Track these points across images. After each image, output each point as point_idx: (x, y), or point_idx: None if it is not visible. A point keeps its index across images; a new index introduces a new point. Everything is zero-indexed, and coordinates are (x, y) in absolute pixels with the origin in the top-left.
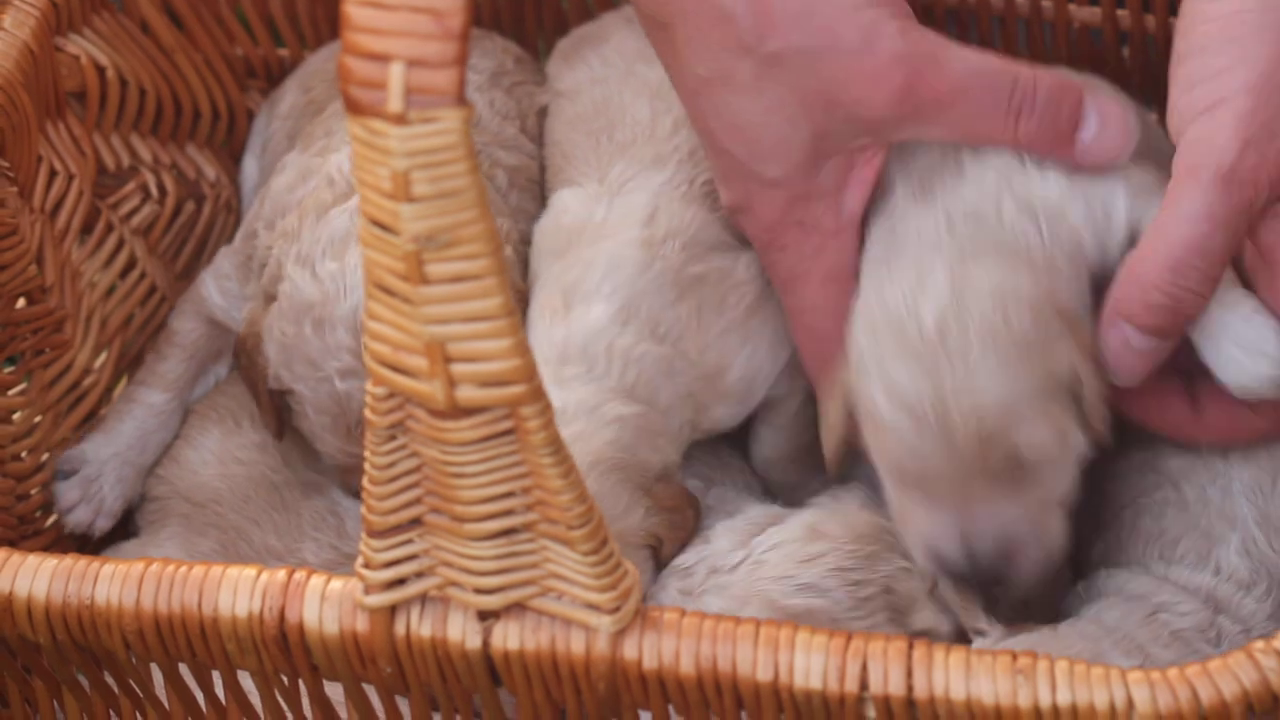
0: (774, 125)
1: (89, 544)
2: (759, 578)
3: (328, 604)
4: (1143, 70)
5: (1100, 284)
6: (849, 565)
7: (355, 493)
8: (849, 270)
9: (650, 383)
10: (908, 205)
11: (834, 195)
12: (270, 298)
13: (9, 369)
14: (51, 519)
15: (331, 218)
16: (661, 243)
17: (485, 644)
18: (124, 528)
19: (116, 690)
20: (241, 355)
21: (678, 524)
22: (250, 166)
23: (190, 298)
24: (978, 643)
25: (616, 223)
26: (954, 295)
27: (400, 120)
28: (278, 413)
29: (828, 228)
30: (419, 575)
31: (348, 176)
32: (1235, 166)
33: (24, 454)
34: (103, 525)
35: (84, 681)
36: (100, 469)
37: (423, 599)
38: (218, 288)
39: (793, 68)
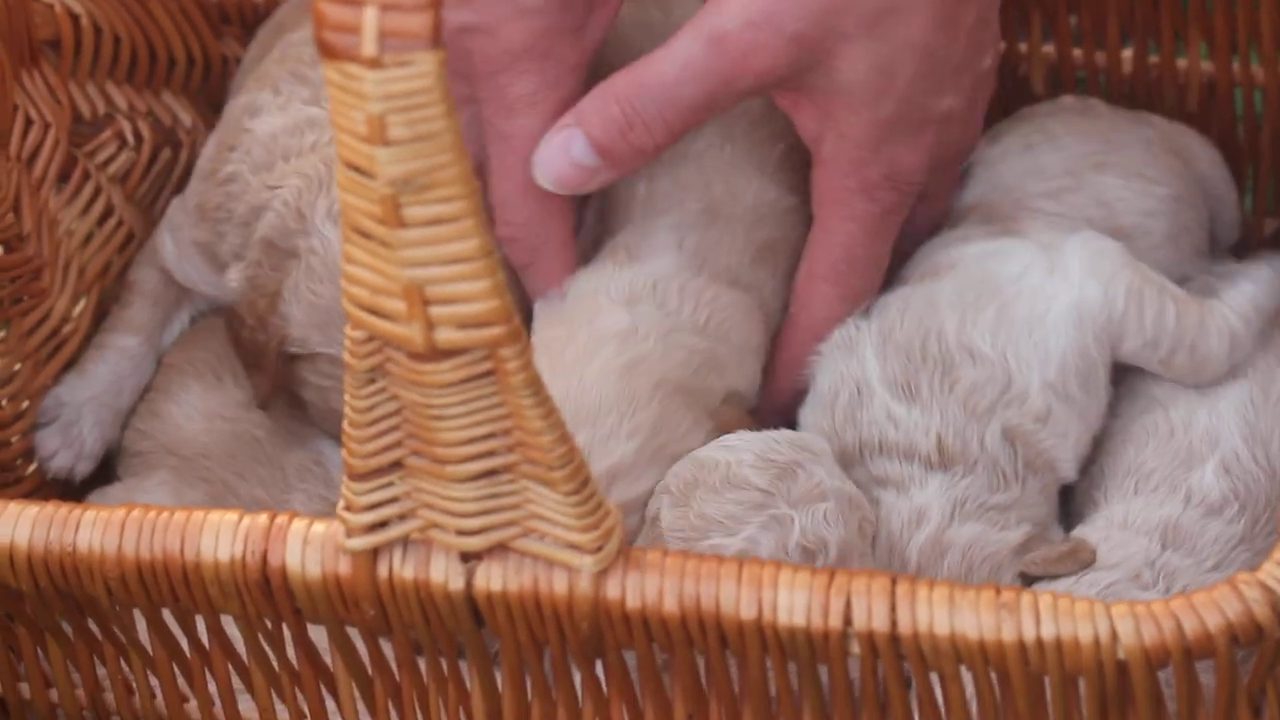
0: None
1: (75, 488)
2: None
3: (310, 547)
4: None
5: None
6: (773, 440)
7: None
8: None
9: (724, 323)
10: (896, 404)
11: (581, 30)
12: (275, 247)
13: None
14: (32, 467)
15: None
16: (723, 205)
17: (468, 585)
18: (103, 473)
19: (100, 636)
20: (247, 318)
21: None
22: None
23: (146, 249)
24: None
25: (668, 195)
26: (935, 548)
27: (375, 64)
28: (274, 381)
29: (570, 62)
30: (401, 518)
31: None
32: (731, 37)
33: (4, 402)
34: (83, 469)
35: (67, 628)
36: (78, 412)
37: (405, 541)
38: (171, 238)
39: None
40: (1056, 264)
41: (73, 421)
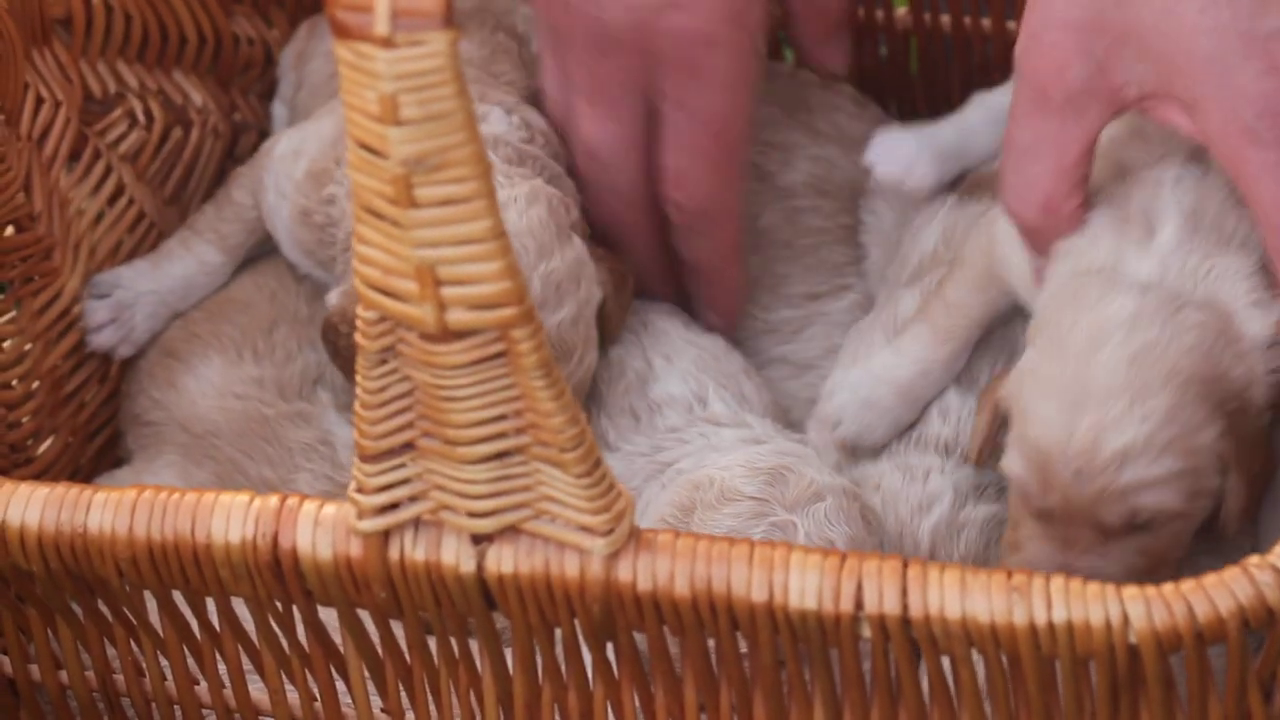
0: None
1: (81, 473)
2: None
3: (321, 529)
4: None
5: None
6: (756, 451)
7: None
8: None
9: (1217, 296)
10: (954, 394)
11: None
12: None
13: None
14: (43, 447)
15: None
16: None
17: (479, 567)
18: (114, 453)
19: (110, 618)
20: (339, 324)
21: (1248, 450)
22: (279, 110)
23: (252, 177)
24: None
25: (1162, 141)
26: (950, 528)
27: (387, 43)
28: None
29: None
30: (412, 499)
31: None
32: (1025, 53)
33: (14, 382)
34: (124, 352)
35: (78, 610)
36: (136, 298)
37: (416, 523)
38: (275, 188)
39: None
40: None
41: (128, 304)
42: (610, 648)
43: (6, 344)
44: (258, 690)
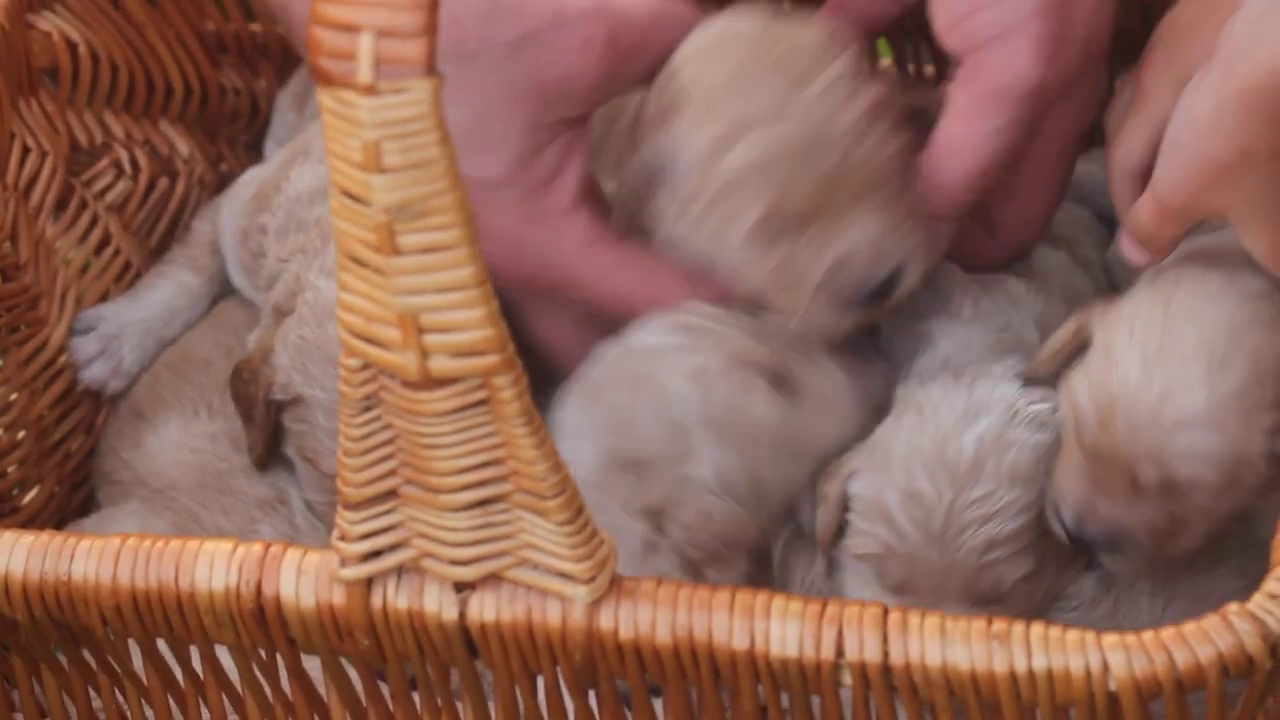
0: (486, 126)
1: (67, 522)
2: None
3: (304, 577)
4: None
5: None
6: None
7: None
8: (599, 236)
9: None
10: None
11: (560, 177)
12: (282, 312)
13: None
14: (29, 496)
15: None
16: None
17: (462, 615)
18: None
19: (95, 666)
20: (244, 371)
21: None
22: (272, 150)
23: (211, 206)
24: None
25: None
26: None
27: (370, 91)
28: (269, 435)
29: (564, 207)
30: (394, 547)
31: None
32: (1039, 85)
33: (0, 431)
34: (116, 386)
35: (62, 658)
36: (121, 329)
37: (399, 571)
38: (228, 209)
39: (492, 64)
40: None
41: (113, 335)
42: (593, 695)
43: None
44: None
